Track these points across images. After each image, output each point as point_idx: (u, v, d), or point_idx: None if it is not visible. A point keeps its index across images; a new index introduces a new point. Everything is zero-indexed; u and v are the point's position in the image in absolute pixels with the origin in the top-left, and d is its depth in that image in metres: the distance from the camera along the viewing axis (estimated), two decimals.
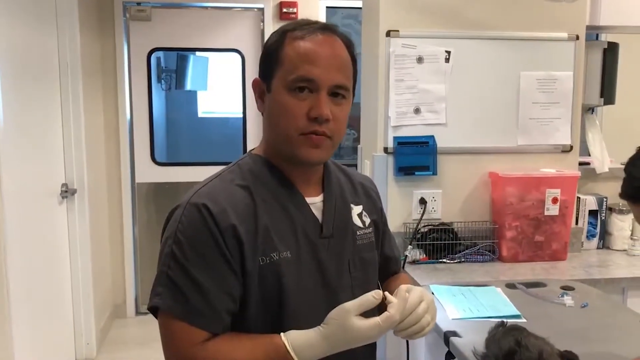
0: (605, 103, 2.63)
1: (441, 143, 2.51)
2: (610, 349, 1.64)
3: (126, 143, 4.26)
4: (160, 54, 4.76)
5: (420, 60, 2.48)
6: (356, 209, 1.27)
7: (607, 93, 2.60)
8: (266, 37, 4.28)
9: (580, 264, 2.53)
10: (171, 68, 5.16)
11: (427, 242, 2.49)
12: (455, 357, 1.81)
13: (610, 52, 2.58)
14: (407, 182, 2.55)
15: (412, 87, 2.48)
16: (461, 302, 2.00)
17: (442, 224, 2.53)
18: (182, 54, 5.07)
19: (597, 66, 2.58)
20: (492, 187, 2.56)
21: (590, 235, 2.68)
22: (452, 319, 1.89)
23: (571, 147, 2.60)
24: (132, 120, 4.33)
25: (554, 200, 2.46)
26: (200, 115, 5.96)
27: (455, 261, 2.49)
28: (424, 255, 2.49)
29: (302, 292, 1.13)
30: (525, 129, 2.56)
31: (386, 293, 1.08)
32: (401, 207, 2.56)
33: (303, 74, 1.07)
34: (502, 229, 2.49)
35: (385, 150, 2.52)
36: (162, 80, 4.97)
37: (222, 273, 1.06)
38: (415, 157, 2.51)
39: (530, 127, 2.56)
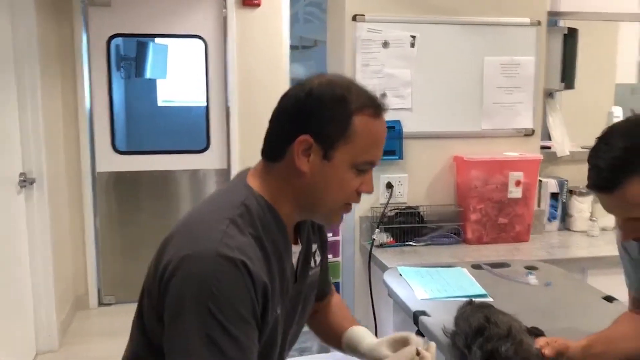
0: (566, 88, 2.69)
1: (407, 128, 2.53)
2: (574, 325, 1.68)
3: (86, 131, 4.15)
4: (120, 41, 4.65)
5: (386, 45, 2.49)
6: (313, 248, 1.30)
7: (568, 78, 2.66)
8: (229, 23, 4.27)
9: (543, 245, 2.59)
10: (130, 56, 5.05)
11: (394, 226, 2.51)
12: (424, 336, 1.83)
13: (570, 38, 2.64)
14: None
15: (378, 72, 2.49)
16: (429, 283, 2.03)
17: (409, 207, 2.56)
18: (141, 42, 4.97)
19: (557, 51, 2.64)
20: (457, 170, 2.60)
21: (552, 217, 2.74)
22: (421, 299, 1.91)
23: (533, 131, 2.65)
24: (92, 109, 4.23)
25: (517, 183, 2.51)
26: (160, 104, 5.86)
27: (422, 244, 2.52)
28: (391, 239, 2.51)
29: (283, 335, 1.21)
30: (489, 113, 2.60)
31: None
32: None
33: (373, 159, 1.13)
34: (467, 211, 2.53)
35: None
36: (122, 69, 4.86)
37: (253, 327, 1.07)
38: None
39: (493, 111, 2.60)
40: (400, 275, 2.11)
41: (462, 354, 1.39)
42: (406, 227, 2.51)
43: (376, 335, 2.47)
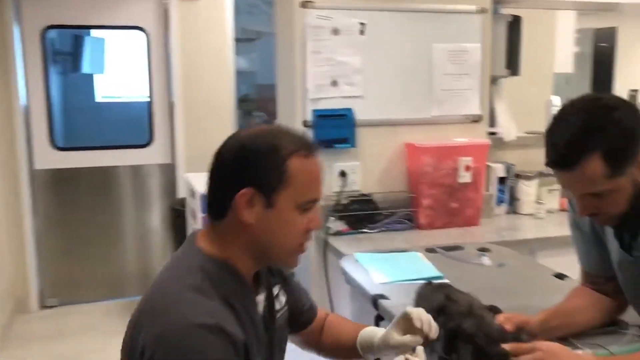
0: (511, 74, 2.76)
1: (359, 115, 2.53)
2: (529, 302, 1.72)
3: (22, 128, 3.97)
4: (55, 35, 4.46)
5: (335, 32, 2.48)
6: (275, 290, 1.30)
7: (513, 64, 2.73)
8: (171, 14, 4.16)
9: (493, 228, 2.65)
10: (66, 50, 4.86)
11: (348, 214, 2.51)
12: (384, 319, 1.84)
13: (514, 25, 2.70)
14: (327, 155, 2.54)
15: (329, 60, 2.48)
16: (386, 268, 2.04)
17: (362, 195, 2.56)
18: (77, 36, 4.79)
19: (502, 38, 2.70)
20: (408, 157, 2.62)
21: (500, 201, 2.80)
22: (379, 284, 1.92)
23: (481, 117, 2.70)
24: (28, 104, 4.04)
25: (467, 168, 2.56)
26: (99, 100, 5.66)
27: (376, 230, 2.53)
28: (346, 227, 2.51)
29: None
30: (438, 100, 2.64)
31: None
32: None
33: (316, 197, 1.16)
34: (419, 197, 2.56)
35: (305, 123, 2.51)
36: (57, 63, 4.67)
37: None
38: (334, 129, 2.52)
39: (442, 98, 2.64)
40: (357, 261, 2.11)
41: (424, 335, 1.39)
42: (360, 215, 2.51)
43: None
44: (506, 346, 1.31)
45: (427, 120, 2.64)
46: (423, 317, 1.26)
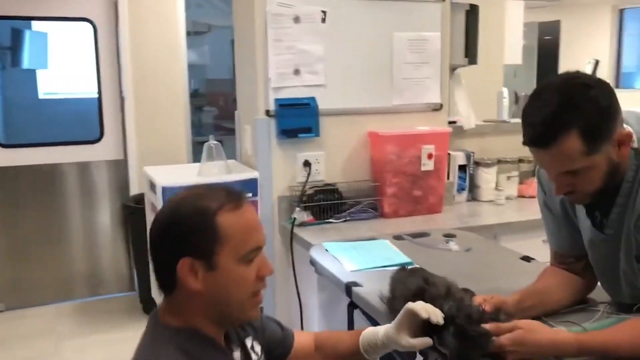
0: (469, 63, 2.79)
1: (322, 104, 2.51)
2: (499, 285, 1.74)
3: None
4: None
5: (297, 20, 2.44)
6: (248, 343, 1.29)
7: (471, 53, 2.76)
8: (120, 6, 4.02)
9: (455, 215, 2.68)
10: (5, 45, 4.64)
11: (313, 204, 2.49)
12: (357, 307, 1.82)
13: (472, 14, 2.74)
14: (291, 145, 2.52)
15: (291, 48, 2.45)
16: (355, 256, 2.03)
17: (327, 185, 2.54)
18: (16, 30, 4.58)
19: (460, 27, 2.73)
20: (371, 146, 2.62)
21: (461, 189, 2.84)
22: (350, 272, 1.91)
23: (441, 106, 2.72)
24: None
25: (429, 156, 2.57)
26: (42, 96, 5.43)
27: (341, 220, 2.52)
28: (311, 217, 2.48)
29: None
30: (400, 89, 2.64)
31: None
32: (285, 171, 2.53)
33: (257, 244, 1.14)
34: (383, 186, 2.56)
35: (267, 113, 2.47)
36: None
37: None
38: (297, 119, 2.49)
39: (403, 87, 2.65)
40: (327, 250, 2.09)
41: None
42: (325, 205, 2.49)
43: (301, 314, 2.45)
44: (486, 326, 1.32)
45: (389, 109, 2.64)
46: (428, 308, 1.27)
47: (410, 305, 1.28)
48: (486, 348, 1.30)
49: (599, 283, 1.59)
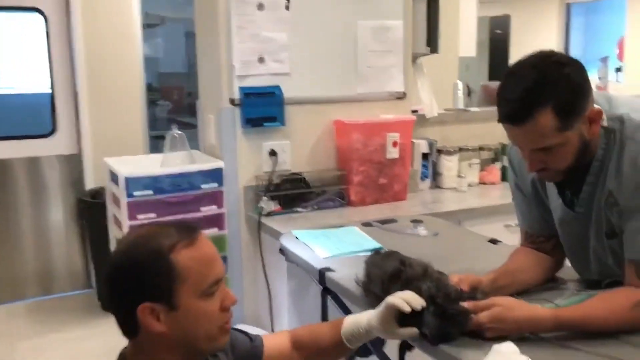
0: (431, 52, 2.82)
1: (287, 93, 2.49)
2: (469, 267, 1.75)
3: None
4: None
5: (260, 7, 2.42)
6: None
7: (433, 42, 2.79)
8: None
9: (419, 202, 2.71)
10: None
11: (280, 193, 2.47)
12: (332, 292, 1.82)
13: (433, 3, 2.76)
14: (256, 134, 2.49)
15: (255, 36, 2.42)
16: (326, 243, 2.02)
17: (293, 174, 2.53)
18: None
19: (422, 16, 2.75)
20: (337, 134, 2.62)
21: (424, 177, 2.87)
22: (323, 258, 1.90)
23: (404, 94, 2.75)
24: None
25: (394, 144, 2.59)
26: None
27: (308, 209, 2.51)
28: (279, 206, 2.46)
29: None
30: (364, 77, 2.65)
31: None
32: (251, 160, 2.50)
33: (216, 277, 1.11)
34: (350, 174, 2.56)
35: (232, 102, 2.43)
36: None
37: None
38: (263, 108, 2.46)
39: (368, 75, 2.65)
40: (297, 238, 2.07)
41: (380, 300, 1.39)
42: (292, 194, 2.48)
43: (270, 303, 2.43)
44: (465, 304, 1.33)
45: (354, 97, 2.64)
46: (408, 299, 1.28)
47: (390, 300, 1.29)
48: (465, 326, 1.32)
49: (567, 262, 1.64)
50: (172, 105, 6.59)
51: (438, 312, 1.31)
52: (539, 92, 1.24)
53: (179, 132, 2.43)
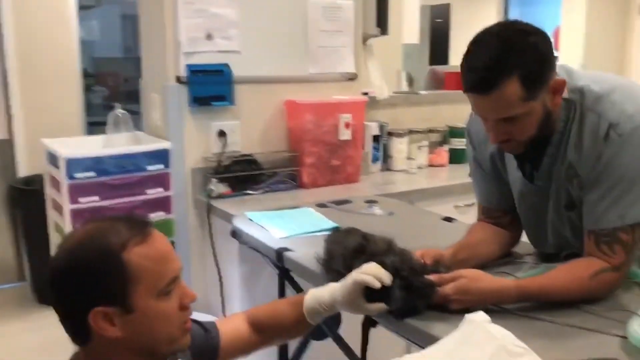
0: (382, 33, 2.80)
1: (237, 72, 2.41)
2: (426, 244, 1.73)
3: None
4: None
5: None
6: None
7: (383, 23, 2.77)
8: None
9: (372, 184, 2.69)
10: None
11: (230, 175, 2.39)
12: (288, 273, 1.77)
13: None
14: (204, 114, 2.40)
15: (203, 11, 2.33)
16: (282, 223, 1.97)
17: (244, 155, 2.46)
18: None
19: None
20: (288, 115, 2.56)
21: (375, 159, 2.86)
22: (279, 238, 1.85)
23: (356, 75, 2.72)
24: None
25: (347, 125, 2.56)
26: None
27: (260, 192, 2.45)
28: (229, 189, 2.39)
29: None
30: (315, 57, 2.60)
31: None
32: (199, 141, 2.41)
33: (173, 275, 1.02)
34: (302, 156, 2.51)
35: (178, 79, 2.34)
36: None
37: None
38: (211, 86, 2.38)
39: (319, 55, 2.61)
40: (251, 220, 2.01)
41: (341, 277, 1.35)
42: (243, 176, 2.41)
43: (221, 288, 2.36)
44: (430, 277, 1.31)
45: (305, 78, 2.59)
46: (378, 275, 1.26)
47: (359, 277, 1.26)
48: (431, 298, 1.30)
49: (523, 237, 1.66)
50: (107, 91, 6.35)
51: (404, 285, 1.28)
52: (505, 61, 1.23)
53: (123, 111, 2.31)
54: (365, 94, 2.87)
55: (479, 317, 1.08)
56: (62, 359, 1.09)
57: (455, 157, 3.02)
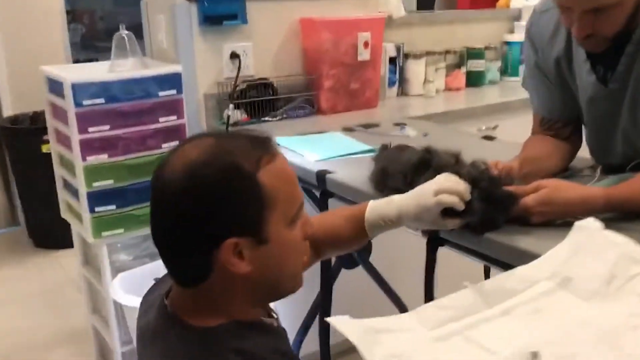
0: None
1: None
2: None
3: None
4: None
5: None
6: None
7: None
8: None
9: (391, 109, 2.56)
10: None
11: (247, 101, 2.23)
12: (333, 195, 1.65)
13: None
14: (215, 35, 2.22)
15: None
16: (314, 147, 1.85)
17: (260, 79, 2.29)
18: None
19: None
20: (304, 35, 2.38)
21: (391, 83, 2.71)
22: (315, 161, 1.73)
23: None
24: None
25: (366, 45, 2.40)
26: None
27: (277, 118, 2.30)
28: (245, 116, 2.24)
29: None
30: None
31: None
32: (211, 65, 2.24)
33: (300, 201, 0.92)
34: (320, 79, 2.35)
35: None
36: None
37: None
38: (222, 4, 2.18)
39: None
40: (280, 145, 1.87)
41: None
42: (260, 101, 2.25)
43: None
44: (509, 188, 1.21)
45: None
46: (456, 188, 1.13)
47: (442, 198, 1.11)
48: (512, 211, 1.19)
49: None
50: (84, 28, 6.00)
51: (483, 197, 1.17)
52: None
53: (127, 32, 2.10)
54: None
55: (591, 224, 0.97)
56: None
57: (473, 79, 2.89)
